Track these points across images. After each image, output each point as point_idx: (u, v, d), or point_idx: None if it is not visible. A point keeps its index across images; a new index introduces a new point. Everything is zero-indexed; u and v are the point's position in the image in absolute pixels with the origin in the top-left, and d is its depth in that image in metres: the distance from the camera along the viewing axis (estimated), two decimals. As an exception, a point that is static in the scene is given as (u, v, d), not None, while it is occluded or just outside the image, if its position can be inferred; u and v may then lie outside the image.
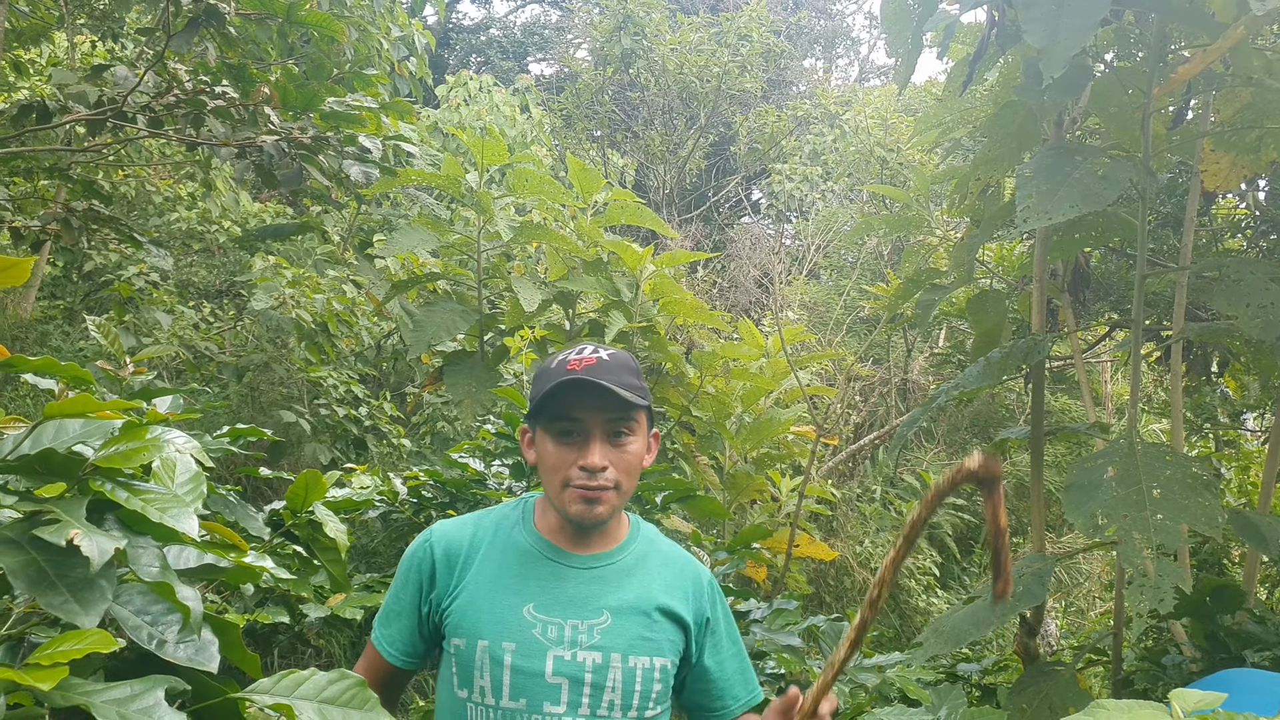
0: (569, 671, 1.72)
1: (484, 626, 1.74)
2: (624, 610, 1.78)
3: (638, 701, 1.75)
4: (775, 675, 2.59)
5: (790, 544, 7.44)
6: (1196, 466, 2.77)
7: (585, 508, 1.74)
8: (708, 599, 1.87)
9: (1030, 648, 3.39)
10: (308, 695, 1.35)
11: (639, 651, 1.76)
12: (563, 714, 1.71)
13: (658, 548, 1.89)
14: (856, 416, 10.85)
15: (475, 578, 1.78)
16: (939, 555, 10.56)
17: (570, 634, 1.74)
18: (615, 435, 1.74)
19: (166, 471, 1.43)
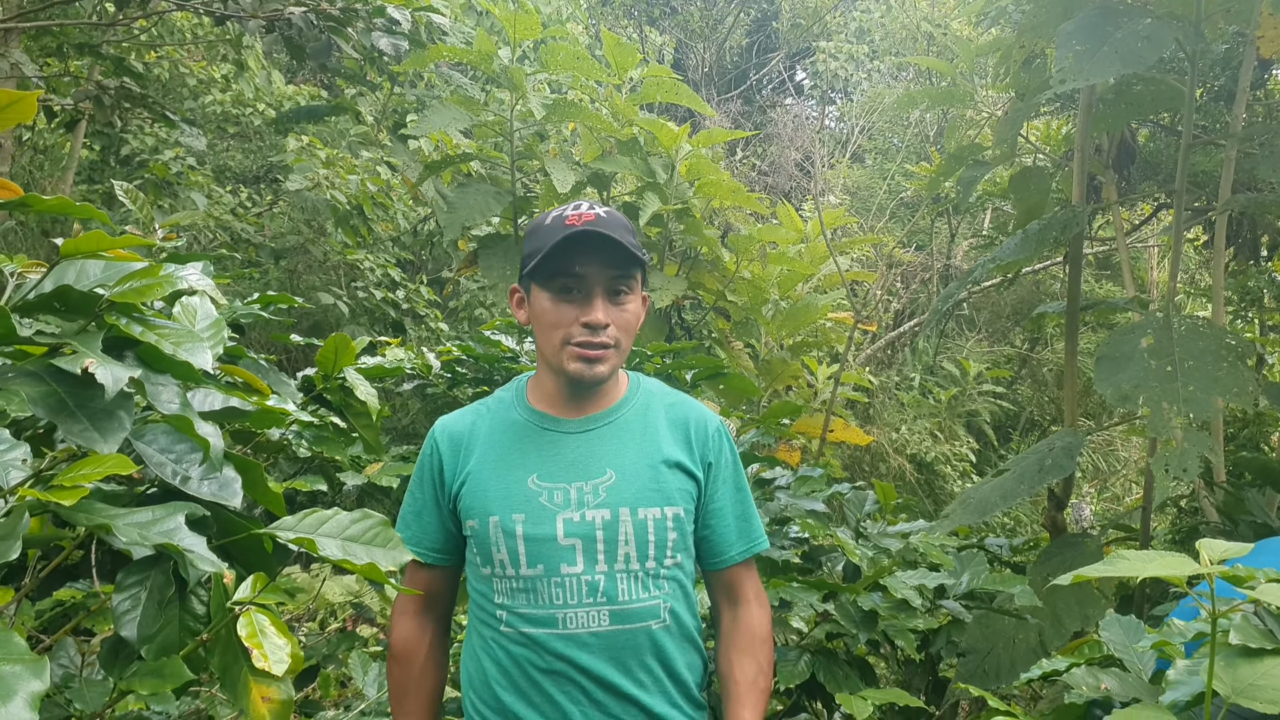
0: (580, 531, 1.75)
1: (492, 503, 1.77)
2: (628, 466, 1.79)
3: (654, 552, 1.77)
4: (799, 539, 2.63)
5: (825, 429, 7.47)
6: (1231, 339, 2.72)
7: (584, 366, 1.75)
8: (713, 445, 1.86)
9: (1058, 521, 3.40)
10: (331, 533, 1.39)
11: (647, 503, 1.78)
12: (580, 572, 1.74)
13: (661, 399, 1.89)
14: (896, 303, 10.77)
15: (479, 460, 1.82)
16: (976, 442, 10.57)
17: (576, 496, 1.76)
18: (615, 294, 1.75)
19: (187, 316, 1.46)
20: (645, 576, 1.77)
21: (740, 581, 1.91)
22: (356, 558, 1.35)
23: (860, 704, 2.20)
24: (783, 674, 2.37)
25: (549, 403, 1.84)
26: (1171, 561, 1.48)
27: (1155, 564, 1.49)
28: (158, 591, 1.24)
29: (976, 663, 3.03)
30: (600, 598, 1.75)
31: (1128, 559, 1.59)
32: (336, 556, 1.35)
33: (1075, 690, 1.78)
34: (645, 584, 1.77)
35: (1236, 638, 1.52)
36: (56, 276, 1.25)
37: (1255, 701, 1.43)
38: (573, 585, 1.74)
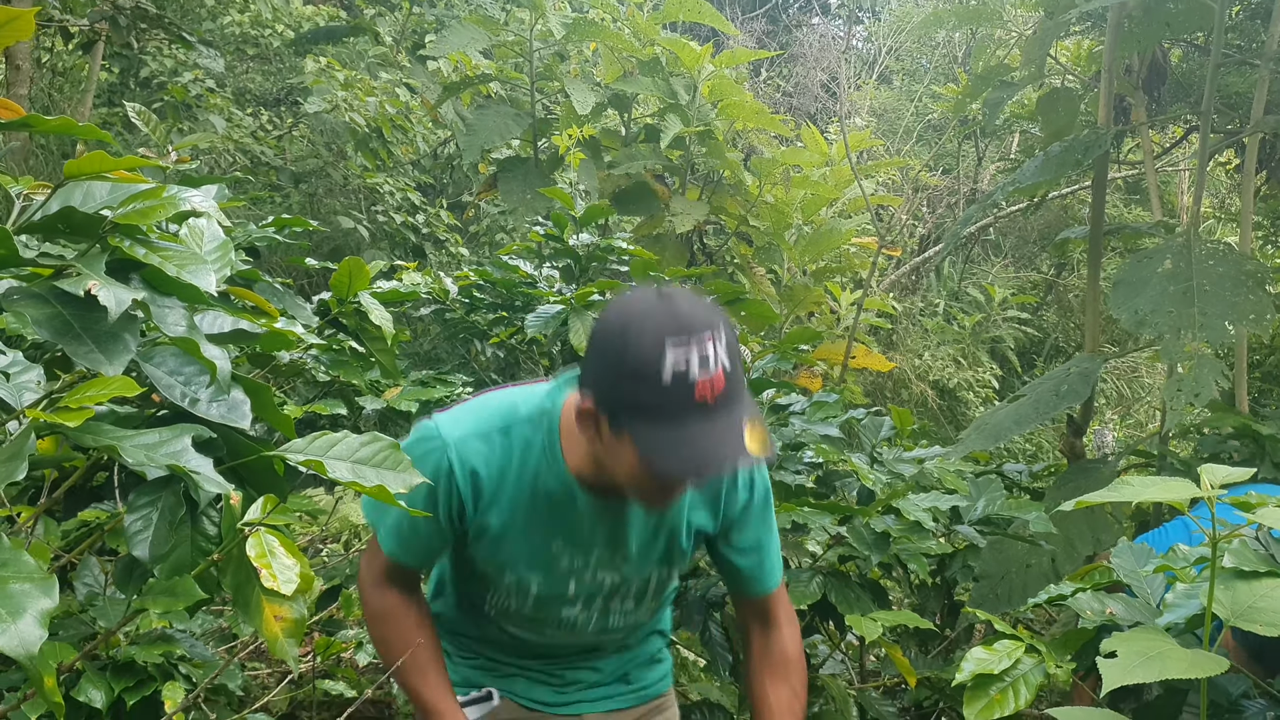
0: (588, 591, 1.74)
1: (513, 560, 1.69)
2: (650, 539, 1.72)
3: (651, 599, 1.82)
4: (813, 464, 2.64)
5: (847, 355, 7.45)
6: (1251, 264, 2.68)
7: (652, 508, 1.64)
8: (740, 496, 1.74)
9: (1076, 447, 3.40)
10: (341, 455, 1.40)
11: (659, 564, 1.75)
12: (578, 613, 1.76)
13: None
14: (922, 228, 10.65)
15: (504, 519, 1.66)
16: (1000, 369, 10.52)
17: (594, 560, 1.71)
18: None
19: (194, 239, 1.46)
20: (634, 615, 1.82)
21: (774, 606, 1.85)
22: (366, 480, 1.36)
23: (870, 625, 2.23)
24: (795, 595, 2.39)
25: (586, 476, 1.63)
26: (1173, 486, 1.49)
27: (1156, 489, 1.49)
28: (169, 512, 1.27)
29: (989, 587, 3.05)
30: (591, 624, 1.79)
31: (1131, 484, 1.59)
32: (346, 478, 1.36)
33: (1083, 615, 1.80)
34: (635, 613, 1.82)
35: (1231, 561, 1.53)
36: (62, 198, 1.25)
37: (1254, 624, 1.44)
38: (568, 619, 1.77)
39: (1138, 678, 1.37)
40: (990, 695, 1.71)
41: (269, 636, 1.37)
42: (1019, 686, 1.70)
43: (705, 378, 1.37)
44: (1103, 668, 1.41)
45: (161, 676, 2.24)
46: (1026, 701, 1.70)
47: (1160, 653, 1.42)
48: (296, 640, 1.41)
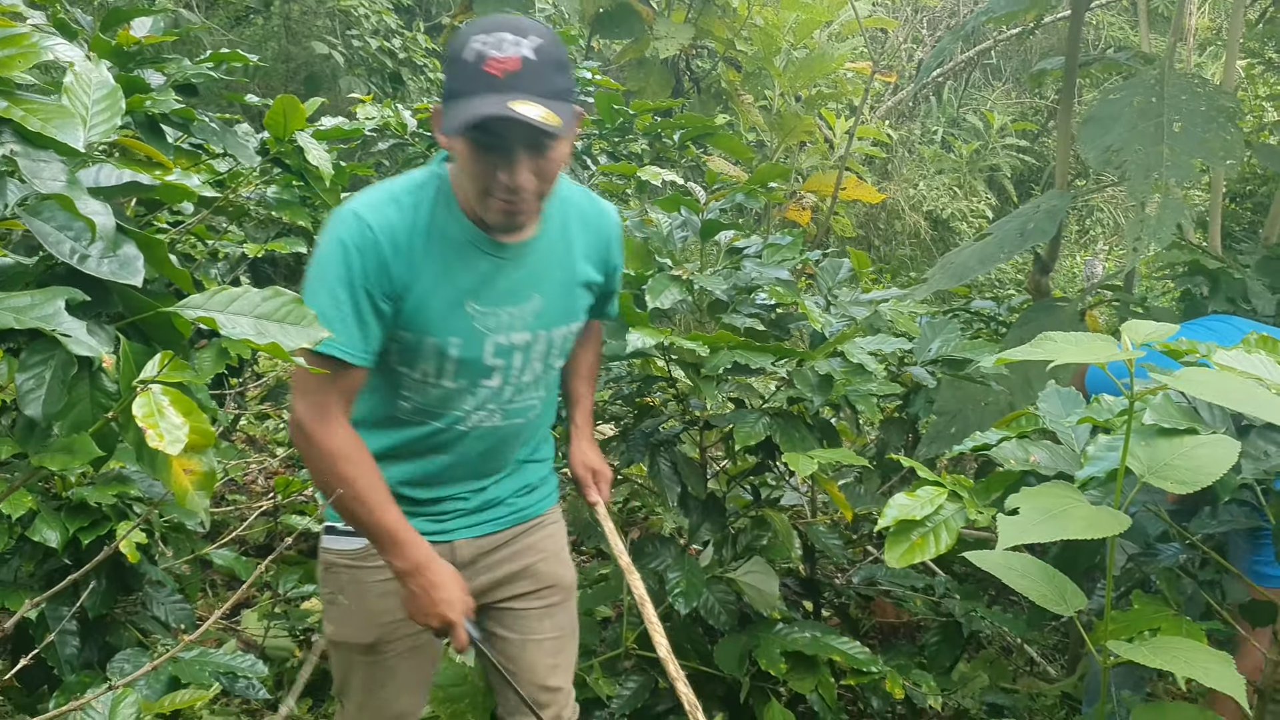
0: (504, 354, 1.83)
1: (432, 324, 1.76)
2: (550, 290, 1.85)
3: (555, 359, 1.93)
4: (766, 306, 2.62)
5: (837, 186, 7.30)
6: (1225, 100, 2.59)
7: (506, 219, 1.71)
8: (618, 248, 1.98)
9: (1041, 285, 3.37)
10: (243, 310, 1.38)
11: (560, 323, 1.88)
12: (495, 386, 1.85)
13: (576, 206, 1.90)
14: (920, 52, 10.30)
15: (423, 273, 1.73)
16: (996, 198, 10.38)
17: (506, 320, 1.81)
18: (540, 148, 1.64)
19: (81, 87, 1.40)
20: (535, 381, 1.90)
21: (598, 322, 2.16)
22: (270, 336, 1.34)
23: (805, 462, 2.26)
24: (740, 434, 2.42)
25: (478, 218, 1.74)
26: (1094, 347, 1.47)
27: (1077, 348, 1.47)
28: (61, 370, 1.25)
29: (945, 424, 3.08)
30: (500, 403, 1.87)
31: (1054, 341, 1.57)
32: (249, 335, 1.34)
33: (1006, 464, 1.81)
34: (534, 386, 1.91)
35: (1151, 417, 1.53)
36: (-78, 47, 1.19)
37: (1166, 481, 1.45)
38: (484, 395, 1.85)
39: (1034, 537, 1.39)
40: (911, 540, 1.74)
41: (178, 490, 1.38)
42: (940, 531, 1.73)
43: (498, 56, 1.57)
44: (1001, 525, 1.42)
45: (116, 516, 2.29)
46: (947, 546, 1.72)
47: (1063, 510, 1.43)
48: (207, 492, 1.42)
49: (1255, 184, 5.98)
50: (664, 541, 2.71)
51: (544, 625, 2.04)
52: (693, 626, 2.62)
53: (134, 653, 2.28)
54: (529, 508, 2.03)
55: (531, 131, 1.59)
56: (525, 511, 2.03)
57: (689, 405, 2.65)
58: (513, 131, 1.59)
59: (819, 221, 7.49)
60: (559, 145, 1.67)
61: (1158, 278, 4.82)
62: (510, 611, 2.02)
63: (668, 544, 2.69)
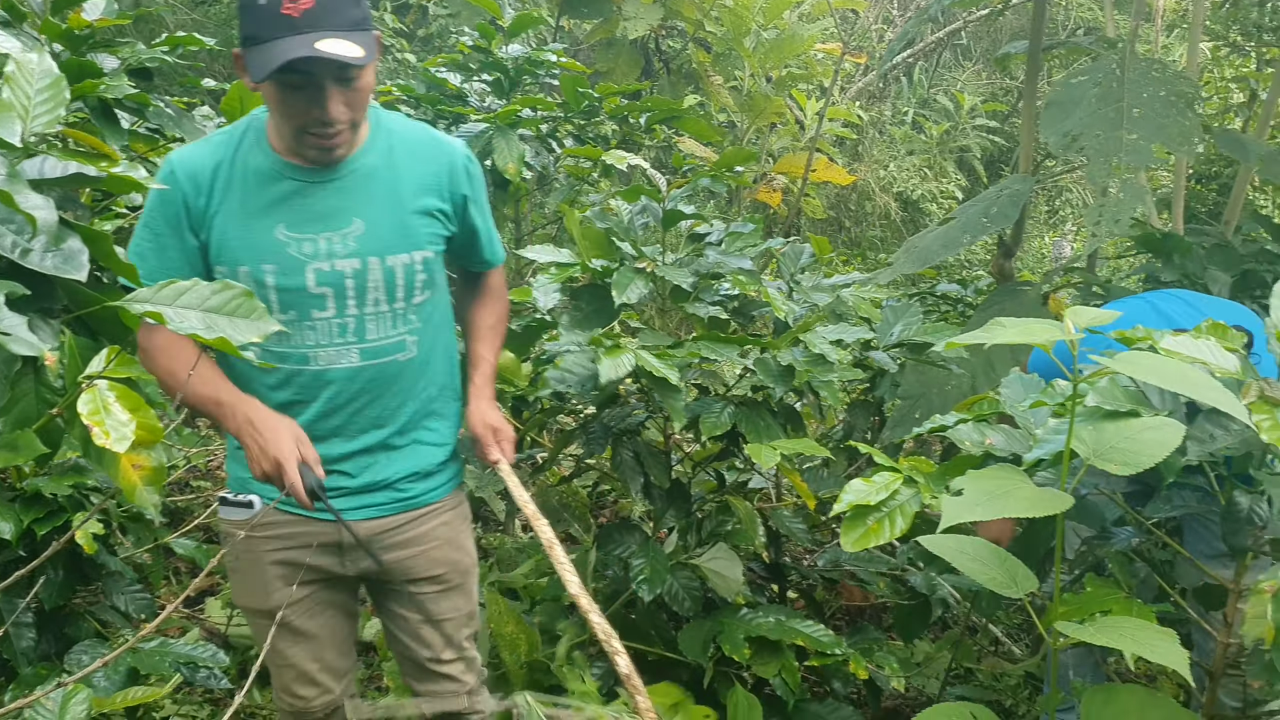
0: (330, 281, 1.81)
1: (241, 253, 1.78)
2: (375, 215, 1.84)
3: (403, 294, 1.88)
4: (729, 295, 2.62)
5: (808, 168, 7.30)
6: (1186, 85, 2.60)
7: (323, 154, 1.76)
8: (464, 178, 1.94)
9: (1005, 268, 3.39)
10: (191, 304, 1.37)
11: (396, 250, 1.85)
12: (332, 316, 1.83)
13: (403, 138, 1.91)
14: (891, 32, 10.30)
15: (223, 205, 1.78)
16: (966, 179, 10.41)
17: (325, 246, 1.81)
18: (346, 81, 1.70)
19: (23, 77, 1.37)
20: (393, 315, 1.88)
21: (491, 277, 2.15)
22: (219, 330, 1.33)
23: (768, 453, 2.26)
24: (705, 425, 2.42)
25: (293, 153, 1.80)
26: (1040, 330, 1.48)
27: (1023, 331, 1.48)
28: (4, 366, 1.24)
29: (909, 408, 3.10)
30: (350, 337, 1.85)
31: (1003, 326, 1.58)
32: (197, 329, 1.33)
33: (963, 446, 1.83)
34: (394, 321, 1.89)
35: (1094, 400, 1.54)
36: None
37: (1110, 463, 1.46)
38: (324, 328, 1.84)
39: (976, 515, 1.40)
40: (867, 525, 1.75)
41: (126, 486, 1.37)
42: (895, 516, 1.74)
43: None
44: (944, 505, 1.44)
45: (72, 507, 2.28)
46: (902, 530, 1.74)
47: (1005, 491, 1.45)
48: (157, 488, 1.41)
49: (1220, 165, 6.03)
50: (628, 529, 2.71)
51: (442, 607, 2.07)
52: (657, 613, 2.63)
53: (92, 644, 2.27)
54: (422, 495, 2.02)
55: (338, 66, 1.65)
56: (418, 499, 2.01)
57: (652, 396, 2.65)
58: (320, 69, 1.65)
59: (790, 203, 7.49)
60: (365, 74, 1.73)
61: (1124, 257, 4.86)
62: (407, 594, 2.05)
63: (632, 531, 2.69)
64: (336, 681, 2.11)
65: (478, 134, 3.27)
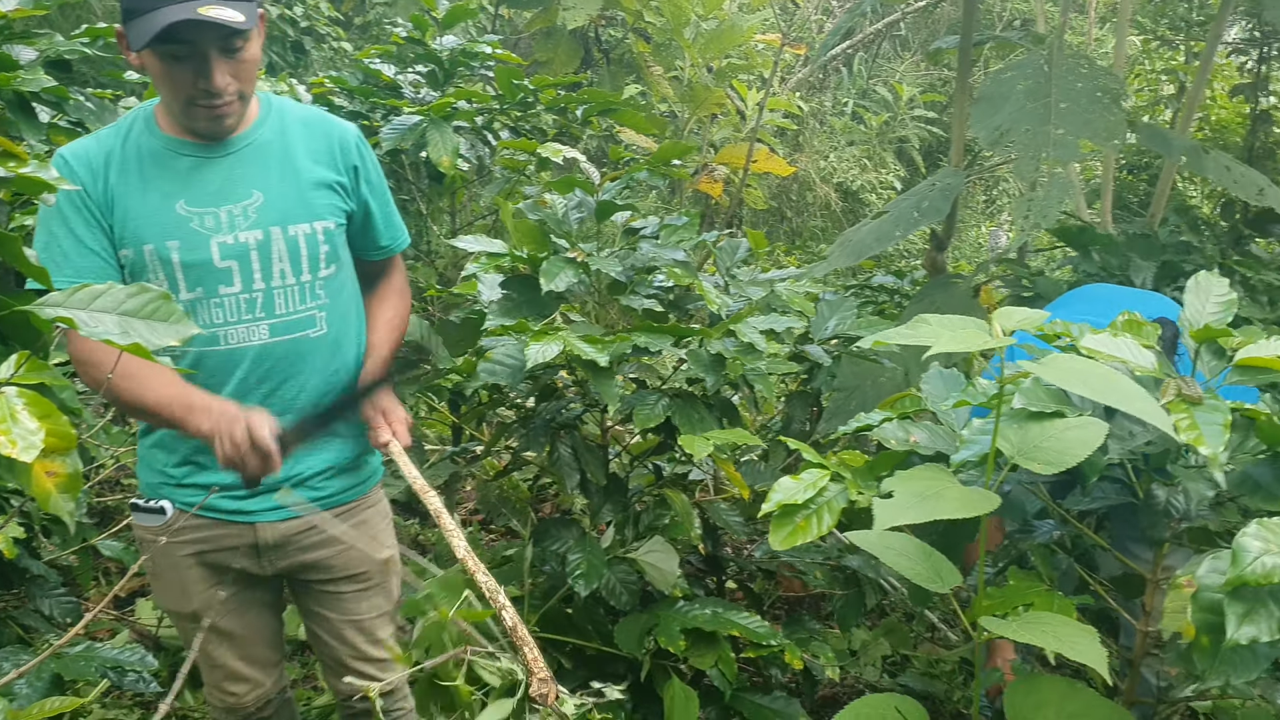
0: (235, 253, 1.83)
1: (145, 231, 1.79)
2: (273, 186, 1.86)
3: (308, 265, 1.89)
4: (666, 288, 2.63)
5: (749, 158, 7.33)
6: (1111, 81, 2.65)
7: (213, 124, 1.78)
8: (355, 152, 1.97)
9: (937, 261, 3.43)
10: (106, 308, 1.34)
11: (296, 220, 1.87)
12: (238, 291, 1.84)
13: (295, 115, 1.95)
14: (830, 24, 10.36)
15: (122, 187, 1.80)
16: (905, 170, 10.52)
17: (227, 219, 1.82)
18: (231, 51, 1.73)
19: (-75, 75, 1.33)
20: (300, 288, 1.89)
21: (393, 268, 2.16)
22: (136, 334, 1.30)
23: (701, 444, 2.27)
24: (639, 417, 2.43)
25: (181, 131, 1.83)
26: (967, 334, 1.50)
27: (949, 336, 1.50)
28: (-94, 373, 1.20)
29: (845, 400, 3.13)
30: (259, 312, 1.86)
31: (929, 323, 1.60)
32: (112, 334, 1.30)
33: (888, 444, 1.85)
34: (302, 295, 1.90)
35: (1020, 401, 1.56)
36: None
37: (1034, 462, 1.49)
38: (231, 304, 1.84)
39: (909, 518, 1.42)
40: (795, 523, 1.76)
41: (39, 493, 1.33)
42: (822, 513, 1.76)
43: None
44: (877, 508, 1.45)
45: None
46: (829, 526, 1.75)
47: (935, 492, 1.46)
48: (72, 495, 1.38)
49: (1150, 156, 6.14)
50: (565, 524, 2.71)
51: (361, 606, 2.08)
52: (594, 607, 2.63)
53: (14, 650, 2.21)
54: (339, 494, 2.02)
55: (221, 32, 1.68)
56: (335, 498, 2.01)
57: (588, 388, 2.64)
58: (203, 36, 1.67)
59: (732, 193, 7.52)
60: (249, 46, 1.76)
61: (1057, 248, 4.94)
62: (327, 594, 2.05)
63: (569, 526, 2.69)
64: (267, 675, 2.11)
65: (412, 126, 3.24)
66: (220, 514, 1.91)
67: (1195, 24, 5.94)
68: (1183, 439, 1.42)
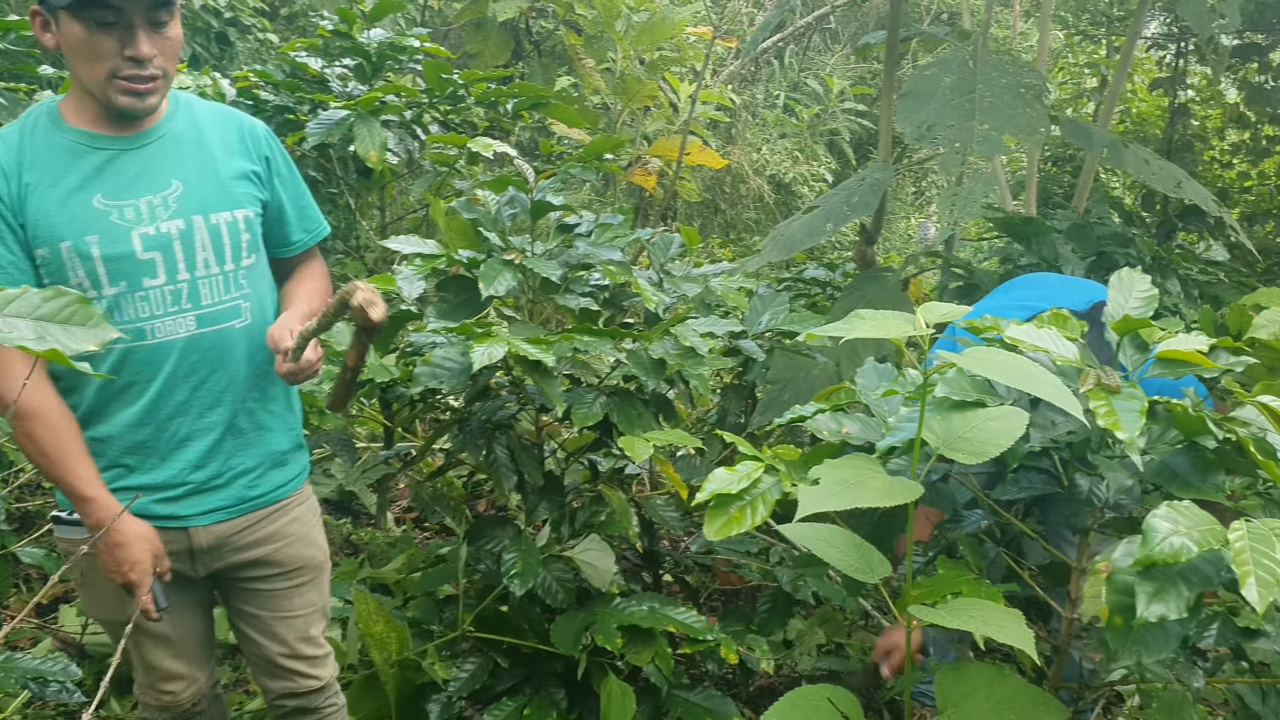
0: (157, 244, 1.80)
1: (61, 228, 1.75)
2: (191, 175, 1.84)
3: (230, 254, 1.88)
4: (600, 286, 2.62)
5: (681, 151, 7.34)
6: (1033, 77, 2.70)
7: (135, 100, 1.75)
8: (265, 143, 1.97)
9: (867, 255, 3.47)
10: (20, 313, 1.29)
11: (217, 208, 1.86)
12: (163, 283, 1.81)
13: (204, 109, 1.94)
14: (761, 16, 10.42)
15: (33, 186, 1.76)
16: (836, 162, 10.63)
17: (147, 210, 1.80)
18: (157, 24, 1.72)
19: None
20: (225, 279, 1.88)
21: (307, 262, 2.11)
22: (53, 339, 1.26)
23: (642, 445, 2.27)
24: (577, 416, 2.42)
25: (93, 123, 1.80)
26: (893, 325, 1.52)
27: (877, 326, 1.52)
28: None
29: (778, 392, 3.15)
30: (185, 304, 1.83)
31: (863, 319, 1.62)
32: (27, 340, 1.25)
33: (820, 436, 1.87)
34: (226, 285, 1.88)
35: (943, 391, 1.59)
36: None
37: (958, 452, 1.51)
38: (157, 297, 1.81)
39: (832, 505, 1.44)
40: (729, 513, 1.77)
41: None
42: (756, 504, 1.76)
43: None
44: (801, 495, 1.46)
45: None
46: (763, 517, 1.76)
47: (860, 480, 1.48)
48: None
49: (1073, 148, 6.28)
50: (500, 523, 2.70)
51: (293, 604, 2.07)
52: (530, 606, 2.63)
53: (-71, 665, 2.14)
54: (270, 492, 2.00)
55: (147, 5, 1.68)
56: (266, 497, 2.00)
57: (524, 387, 2.63)
58: (131, 3, 1.66)
59: (665, 186, 7.53)
60: (173, 24, 1.75)
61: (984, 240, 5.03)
62: (260, 592, 2.04)
63: (504, 525, 2.68)
64: (202, 671, 2.10)
65: (339, 121, 3.19)
66: (152, 519, 1.86)
67: (1116, 19, 6.08)
68: (1101, 424, 1.45)
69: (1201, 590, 1.30)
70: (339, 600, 2.84)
